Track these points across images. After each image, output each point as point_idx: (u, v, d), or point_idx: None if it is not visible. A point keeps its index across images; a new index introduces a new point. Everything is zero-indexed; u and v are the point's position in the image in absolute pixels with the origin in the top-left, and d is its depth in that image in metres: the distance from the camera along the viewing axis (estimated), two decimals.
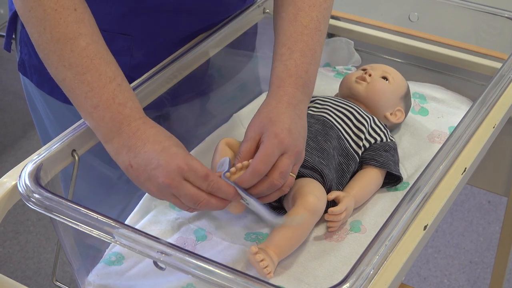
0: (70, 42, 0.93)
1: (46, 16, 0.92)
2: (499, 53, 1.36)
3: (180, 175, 0.90)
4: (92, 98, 0.94)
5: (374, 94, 1.21)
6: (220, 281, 0.81)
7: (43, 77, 1.22)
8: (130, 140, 0.93)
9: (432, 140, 1.24)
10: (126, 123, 0.94)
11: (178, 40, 1.21)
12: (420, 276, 2.26)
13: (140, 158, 0.92)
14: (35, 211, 0.91)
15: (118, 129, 0.94)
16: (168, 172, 0.90)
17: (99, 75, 0.94)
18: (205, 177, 0.91)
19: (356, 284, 0.80)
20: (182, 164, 0.90)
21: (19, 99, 2.95)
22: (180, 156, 0.91)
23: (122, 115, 0.94)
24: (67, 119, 1.07)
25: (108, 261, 1.04)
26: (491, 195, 2.52)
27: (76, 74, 0.93)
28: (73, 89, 0.94)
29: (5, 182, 0.97)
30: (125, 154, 0.93)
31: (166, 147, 0.92)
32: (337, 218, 1.03)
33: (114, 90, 0.94)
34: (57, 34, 0.93)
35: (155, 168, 0.91)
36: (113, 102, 0.94)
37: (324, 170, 1.06)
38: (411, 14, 1.43)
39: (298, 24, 1.05)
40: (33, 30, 0.95)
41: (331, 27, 1.47)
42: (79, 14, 0.94)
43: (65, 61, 0.93)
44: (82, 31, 0.94)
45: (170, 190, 0.91)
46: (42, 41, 0.94)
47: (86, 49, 0.93)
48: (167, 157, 0.91)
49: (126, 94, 0.96)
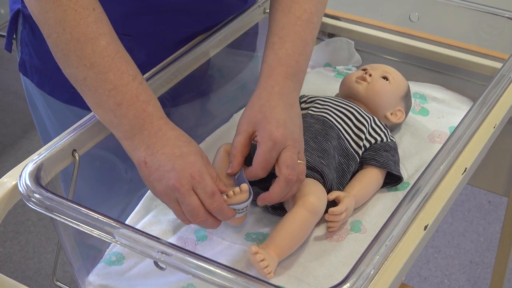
0: (91, 42, 0.94)
1: (66, 16, 0.93)
2: (500, 53, 1.36)
3: (190, 183, 0.92)
4: (115, 96, 0.94)
5: (375, 94, 1.21)
6: (220, 281, 0.81)
7: (44, 77, 1.22)
8: (151, 139, 0.95)
9: (433, 140, 1.24)
10: (148, 121, 0.95)
11: (179, 40, 1.21)
12: (420, 276, 2.26)
13: (156, 158, 0.94)
14: (36, 211, 0.92)
15: (141, 126, 0.95)
16: (180, 177, 0.92)
17: (121, 73, 0.95)
18: (212, 194, 0.93)
19: (357, 284, 0.80)
20: (195, 174, 0.92)
21: (20, 99, 2.95)
22: (196, 166, 0.93)
23: (146, 113, 0.95)
24: (68, 120, 1.07)
25: (108, 261, 1.04)
26: (491, 195, 2.52)
27: (98, 73, 0.94)
28: (95, 88, 0.95)
29: (6, 182, 0.97)
30: (143, 150, 0.95)
31: (184, 154, 0.94)
32: (337, 218, 1.03)
33: (137, 88, 0.95)
34: (77, 34, 0.93)
35: (169, 170, 0.93)
36: (137, 99, 0.95)
37: (325, 170, 1.06)
38: (412, 14, 1.43)
39: (291, 15, 1.07)
40: (51, 31, 0.95)
41: (331, 27, 1.48)
42: (97, 14, 0.95)
43: (86, 61, 0.94)
44: (101, 31, 0.95)
45: (176, 194, 0.93)
46: (61, 42, 0.94)
47: (107, 48, 0.94)
48: (183, 164, 0.93)
49: (148, 92, 0.97)
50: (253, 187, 1.06)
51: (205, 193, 0.93)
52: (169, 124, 0.97)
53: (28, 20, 1.20)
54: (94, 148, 1.05)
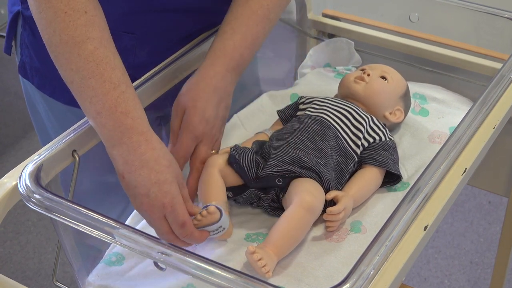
0: (78, 45, 0.93)
1: (56, 18, 0.92)
2: (500, 54, 1.36)
3: (162, 212, 0.94)
4: (96, 104, 0.94)
5: (373, 94, 1.21)
6: (220, 281, 0.81)
7: (44, 79, 1.22)
8: (129, 155, 0.94)
9: (433, 140, 1.24)
10: (127, 135, 0.94)
11: (181, 38, 1.21)
12: (420, 277, 2.26)
13: (133, 177, 0.93)
14: (36, 211, 0.92)
15: (120, 139, 0.94)
16: (152, 205, 0.93)
17: (103, 81, 0.93)
18: (182, 225, 0.94)
19: (357, 284, 0.80)
20: (167, 204, 0.93)
21: (20, 99, 2.94)
22: (169, 196, 0.93)
23: (124, 126, 0.94)
24: (69, 121, 1.07)
25: (108, 262, 1.04)
26: (491, 196, 2.52)
27: (82, 78, 0.93)
28: (80, 92, 0.95)
29: (6, 182, 0.97)
30: (121, 164, 0.94)
31: (160, 181, 0.93)
32: (336, 218, 1.03)
33: (117, 98, 0.94)
34: (66, 36, 0.93)
35: (143, 195, 0.93)
36: (115, 110, 0.94)
37: (322, 169, 1.06)
38: (412, 15, 1.43)
39: (248, 8, 1.10)
40: (44, 32, 0.95)
41: (331, 27, 1.48)
42: (89, 17, 0.94)
43: (72, 65, 0.93)
44: (90, 35, 0.93)
45: (148, 219, 0.95)
46: (51, 43, 0.94)
47: (93, 53, 0.93)
48: (157, 192, 0.93)
49: (130, 102, 0.95)
50: (251, 190, 1.07)
51: (176, 223, 0.94)
52: (150, 141, 0.95)
53: (28, 21, 1.20)
54: (94, 148, 1.05)
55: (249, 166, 1.06)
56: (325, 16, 1.50)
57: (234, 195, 1.09)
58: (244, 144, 1.16)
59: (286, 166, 1.05)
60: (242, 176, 1.07)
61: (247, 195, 1.08)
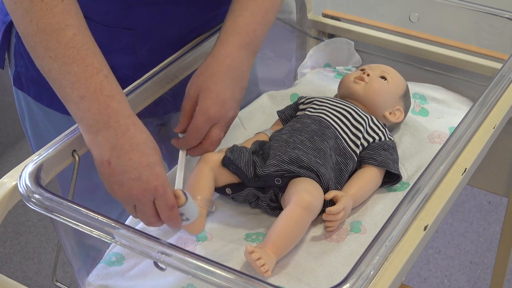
0: (57, 32, 0.92)
1: (33, 7, 0.92)
2: (500, 54, 1.36)
3: (153, 195, 0.94)
4: (78, 88, 0.93)
5: (372, 94, 1.21)
6: (220, 281, 0.81)
7: (41, 89, 1.21)
8: (118, 139, 0.93)
9: (433, 140, 1.24)
10: (114, 118, 0.94)
11: (182, 36, 1.21)
12: (420, 277, 2.26)
13: (122, 162, 0.93)
14: (36, 211, 0.92)
15: (106, 123, 0.94)
16: (145, 189, 0.93)
17: (85, 66, 0.93)
18: (171, 207, 0.96)
19: (357, 284, 0.80)
20: (160, 187, 0.94)
21: None
22: (161, 178, 0.94)
23: (110, 108, 0.94)
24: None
25: (108, 262, 1.04)
26: (491, 196, 2.52)
27: (62, 65, 0.93)
28: (59, 79, 0.94)
29: (6, 182, 0.97)
30: (108, 150, 0.94)
31: (151, 164, 0.94)
32: (335, 218, 1.03)
33: (101, 82, 0.94)
34: (43, 24, 0.92)
35: (134, 179, 0.93)
36: (100, 93, 0.94)
37: (321, 169, 1.06)
38: (412, 15, 1.43)
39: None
40: (19, 22, 0.94)
41: (331, 27, 1.48)
42: (65, 5, 0.93)
43: (51, 52, 0.93)
44: (68, 22, 0.93)
45: (136, 203, 0.95)
46: (28, 33, 0.93)
47: (72, 39, 0.93)
48: (150, 175, 0.93)
49: (114, 86, 0.95)
50: (249, 189, 1.07)
51: (165, 206, 0.95)
52: (137, 125, 0.96)
53: None
54: None
55: (246, 165, 1.06)
56: (325, 16, 1.50)
57: (233, 192, 1.09)
58: (244, 144, 1.16)
59: (285, 166, 1.05)
60: (240, 176, 1.07)
61: (246, 193, 1.08)
